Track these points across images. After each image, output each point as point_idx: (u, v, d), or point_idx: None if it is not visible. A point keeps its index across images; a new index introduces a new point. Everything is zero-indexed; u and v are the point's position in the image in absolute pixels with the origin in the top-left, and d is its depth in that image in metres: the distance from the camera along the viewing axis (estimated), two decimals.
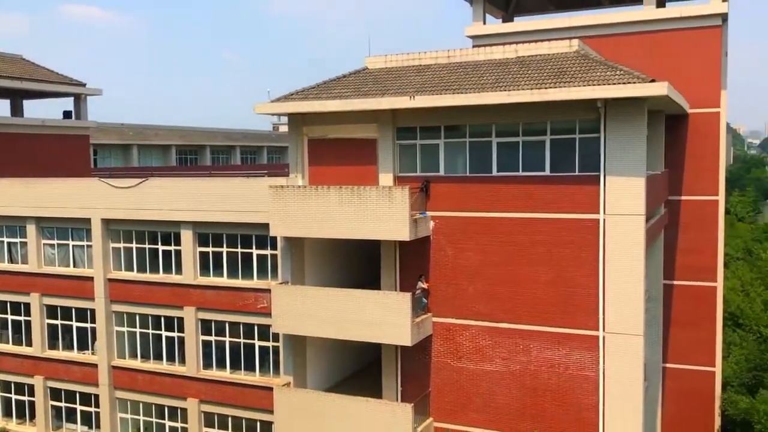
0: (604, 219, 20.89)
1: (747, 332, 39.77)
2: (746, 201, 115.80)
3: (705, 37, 27.94)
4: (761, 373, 32.73)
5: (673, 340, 29.89)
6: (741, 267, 52.17)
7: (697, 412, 29.68)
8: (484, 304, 22.66)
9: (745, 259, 58.50)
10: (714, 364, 29.67)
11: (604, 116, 20.64)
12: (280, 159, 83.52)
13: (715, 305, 29.61)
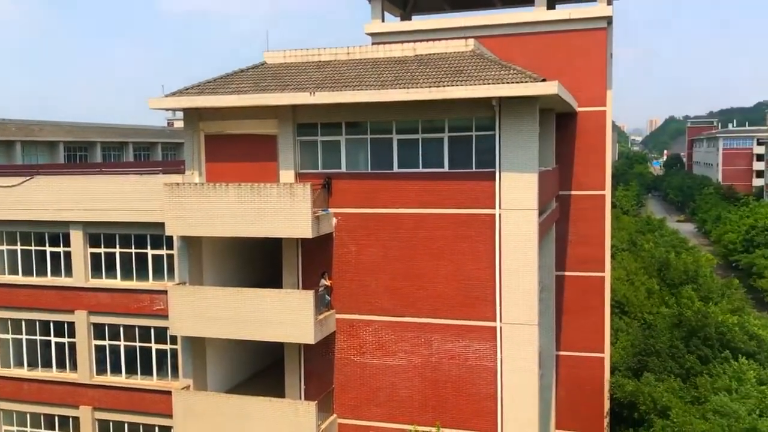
0: (500, 213, 21.54)
1: (632, 319, 42.17)
2: (630, 195, 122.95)
3: (592, 38, 29.29)
4: (645, 357, 34.75)
5: (565, 329, 31.23)
6: (626, 257, 55.23)
7: (588, 397, 31.17)
8: (387, 299, 22.88)
9: (630, 250, 62.00)
10: (603, 350, 31.24)
11: (499, 114, 21.27)
12: (176, 156, 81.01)
13: (603, 294, 31.18)
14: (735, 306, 45.85)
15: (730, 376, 31.16)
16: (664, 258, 53.82)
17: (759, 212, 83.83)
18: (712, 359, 33.71)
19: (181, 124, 61.96)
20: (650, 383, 31.82)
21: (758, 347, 35.15)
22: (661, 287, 48.69)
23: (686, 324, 36.15)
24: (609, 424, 31.63)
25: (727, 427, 25.59)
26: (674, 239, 72.57)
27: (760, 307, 60.72)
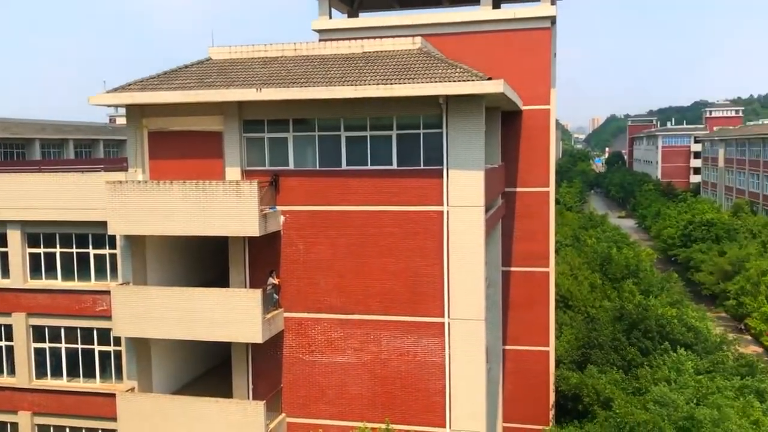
0: (448, 210, 21.75)
1: (576, 313, 43.08)
2: (574, 192, 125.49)
3: (536, 38, 29.81)
4: (589, 350, 35.58)
5: (511, 323, 31.74)
6: (570, 253, 56.35)
7: (534, 390, 31.79)
8: (336, 296, 22.84)
9: (574, 245, 63.27)
10: (548, 344, 31.89)
11: (446, 112, 21.47)
12: (118, 153, 79.10)
13: (548, 289, 31.82)
14: (674, 299, 47.29)
15: (669, 367, 32.16)
16: (606, 253, 55.09)
17: (696, 208, 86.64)
18: (653, 351, 34.71)
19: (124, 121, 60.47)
20: (593, 375, 32.58)
21: (695, 339, 36.35)
22: (604, 281, 49.87)
23: (627, 317, 37.13)
24: (554, 417, 32.30)
25: (667, 417, 26.41)
26: (616, 235, 74.31)
27: (697, 299, 62.82)
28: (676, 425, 26.10)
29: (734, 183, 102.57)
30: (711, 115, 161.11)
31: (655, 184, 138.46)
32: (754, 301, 56.28)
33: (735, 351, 36.85)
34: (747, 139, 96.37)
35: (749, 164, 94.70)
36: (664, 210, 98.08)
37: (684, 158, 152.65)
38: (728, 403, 27.66)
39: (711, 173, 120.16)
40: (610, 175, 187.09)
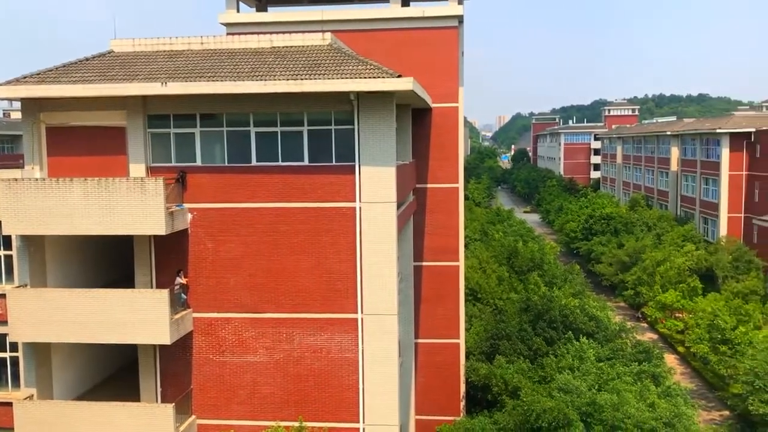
0: (360, 207, 21.83)
1: (485, 305, 44.14)
2: (482, 187, 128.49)
3: (444, 36, 30.31)
4: (497, 341, 36.56)
5: (423, 317, 32.24)
6: (479, 247, 57.69)
7: (445, 382, 32.42)
8: (247, 295, 22.50)
9: (482, 239, 64.81)
10: (458, 336, 32.58)
11: (357, 108, 21.53)
12: (14, 149, 74.90)
13: (457, 282, 32.50)
14: (576, 290, 49.25)
15: (572, 355, 33.49)
16: (512, 247, 56.72)
17: (596, 203, 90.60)
18: (557, 340, 36.03)
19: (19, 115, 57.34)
20: (502, 366, 33.52)
21: (597, 327, 37.98)
22: (511, 274, 51.33)
23: (533, 308, 38.39)
24: (465, 407, 33.05)
25: (571, 403, 27.51)
26: (522, 229, 76.61)
27: (597, 290, 65.76)
28: (580, 410, 27.23)
29: (631, 178, 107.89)
30: (609, 114, 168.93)
31: (558, 180, 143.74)
32: (649, 290, 59.44)
33: (633, 338, 38.73)
34: (642, 136, 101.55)
35: (645, 161, 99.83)
36: (566, 205, 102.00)
37: (585, 155, 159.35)
38: (627, 388, 29.11)
39: (610, 169, 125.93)
40: (516, 171, 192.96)
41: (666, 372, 33.80)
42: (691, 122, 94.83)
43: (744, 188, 67.59)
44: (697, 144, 76.85)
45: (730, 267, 58.62)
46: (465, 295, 36.59)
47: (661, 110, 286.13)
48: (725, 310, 46.21)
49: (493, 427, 27.87)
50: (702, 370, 47.21)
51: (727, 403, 39.80)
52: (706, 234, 72.87)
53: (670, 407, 28.07)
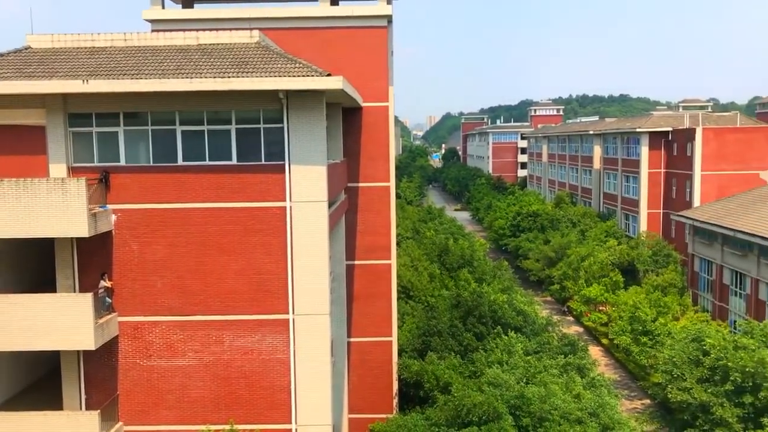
0: (291, 206, 21.69)
1: (417, 302, 44.57)
2: (413, 186, 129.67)
3: (373, 36, 30.40)
4: (429, 338, 36.99)
5: (355, 316, 32.27)
6: (411, 245, 58.16)
7: (378, 379, 32.54)
8: (175, 298, 22.03)
9: (414, 237, 65.37)
10: (391, 334, 32.77)
11: (287, 107, 21.38)
12: None
13: (390, 281, 32.68)
14: (505, 286, 50.30)
15: (501, 350, 34.22)
16: (443, 244, 57.50)
17: (523, 200, 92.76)
18: (487, 335, 36.74)
19: None
20: (433, 362, 33.93)
21: (524, 322, 38.94)
22: (442, 271, 52.02)
23: (464, 304, 39.02)
24: (398, 404, 33.30)
25: (500, 396, 28.11)
26: (452, 226, 77.76)
27: (525, 285, 67.34)
28: (509, 404, 27.85)
29: (556, 176, 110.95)
30: (536, 114, 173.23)
31: (487, 179, 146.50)
32: (574, 285, 61.30)
33: (559, 332, 39.89)
34: (567, 136, 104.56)
35: (569, 159, 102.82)
36: (495, 202, 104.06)
37: (512, 154, 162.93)
38: (553, 380, 29.96)
39: (536, 168, 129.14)
40: (447, 170, 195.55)
41: (591, 364, 34.96)
42: (613, 122, 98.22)
43: (662, 185, 70.51)
44: (618, 143, 79.68)
45: (650, 261, 61.07)
46: (397, 292, 36.85)
47: (584, 110, 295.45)
48: (646, 303, 48.15)
49: (425, 423, 28.17)
50: (625, 361, 49.03)
51: (648, 392, 41.45)
52: (627, 229, 75.65)
53: (594, 398, 29.03)
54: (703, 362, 32.65)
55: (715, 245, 50.89)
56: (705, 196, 61.51)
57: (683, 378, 32.70)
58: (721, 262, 50.14)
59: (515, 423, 27.19)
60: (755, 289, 45.24)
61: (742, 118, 76.55)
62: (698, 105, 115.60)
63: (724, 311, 49.37)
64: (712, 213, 52.90)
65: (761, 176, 61.82)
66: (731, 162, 62.33)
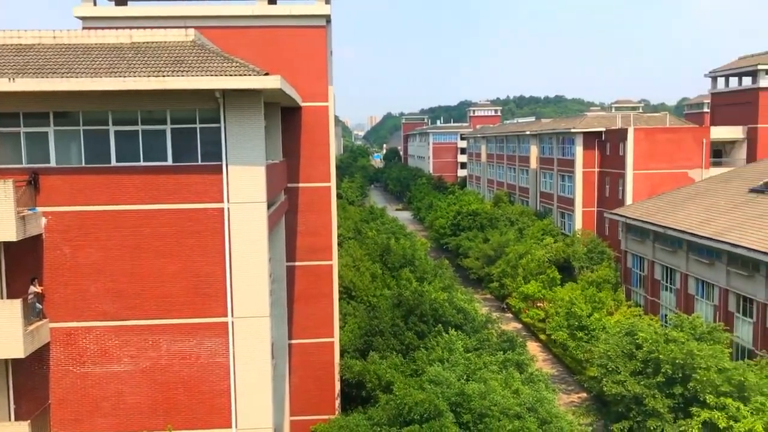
0: (229, 207, 21.42)
1: (359, 303, 44.61)
2: (355, 186, 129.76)
3: (312, 35, 30.26)
4: (371, 337, 37.07)
5: (296, 317, 32.07)
6: (352, 245, 58.13)
7: (320, 381, 32.42)
8: (109, 302, 21.47)
9: (356, 238, 65.38)
10: (332, 335, 32.69)
11: (224, 107, 21.10)
12: None
13: (331, 281, 32.60)
14: (445, 284, 50.83)
15: (442, 348, 34.56)
16: (385, 244, 57.70)
17: (463, 200, 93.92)
18: (428, 334, 37.05)
19: None
20: (375, 362, 34.02)
21: (465, 319, 39.42)
22: (384, 271, 52.19)
23: (405, 303, 39.24)
24: (340, 405, 33.26)
25: (441, 394, 28.39)
26: (394, 226, 78.09)
27: (465, 283, 68.20)
28: (449, 401, 28.16)
29: (495, 176, 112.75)
30: (474, 114, 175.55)
31: (428, 178, 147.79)
32: (513, 282, 62.42)
33: (498, 329, 40.54)
34: (504, 136, 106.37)
35: (507, 159, 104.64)
36: (435, 202, 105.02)
37: (452, 154, 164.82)
38: (493, 377, 30.45)
39: (475, 167, 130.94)
40: (388, 170, 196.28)
41: (529, 359, 35.66)
42: (549, 122, 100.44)
43: (596, 184, 72.48)
44: (553, 143, 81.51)
45: (585, 258, 62.70)
46: (339, 293, 36.78)
47: (521, 111, 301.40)
48: (581, 299, 49.42)
49: (367, 423, 28.22)
50: (562, 356, 50.20)
51: (585, 386, 42.50)
52: (563, 227, 77.47)
53: (532, 393, 29.62)
54: (636, 355, 33.68)
55: (646, 242, 52.60)
56: (637, 195, 63.55)
57: (617, 371, 33.65)
58: (652, 258, 51.86)
59: (456, 420, 27.52)
60: (684, 284, 46.98)
61: (672, 118, 79.46)
62: (630, 106, 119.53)
63: (656, 305, 51.10)
64: (644, 211, 54.66)
65: (689, 174, 64.27)
66: (661, 161, 64.60)
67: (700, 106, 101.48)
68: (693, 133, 67.17)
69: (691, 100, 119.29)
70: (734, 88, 74.44)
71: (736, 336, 40.29)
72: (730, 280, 41.57)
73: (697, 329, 35.65)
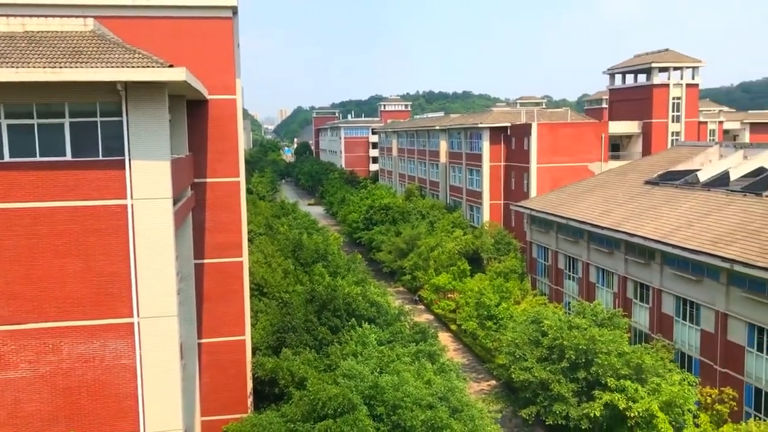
0: (132, 204, 20.70)
1: (271, 299, 44.08)
2: (266, 181, 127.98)
3: (218, 27, 29.54)
4: (283, 334, 36.72)
5: (206, 316, 31.37)
6: (264, 241, 57.37)
7: (232, 380, 31.87)
8: (3, 306, 20.35)
9: (267, 233, 64.55)
10: (244, 332, 32.19)
11: (126, 100, 20.34)
12: None
13: (242, 278, 32.06)
14: (359, 278, 50.95)
15: (356, 342, 34.67)
16: (297, 239, 57.25)
17: (375, 194, 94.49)
18: (341, 328, 37.07)
19: None
20: (288, 358, 33.75)
21: (378, 313, 39.68)
22: (296, 267, 51.78)
23: (318, 298, 39.09)
24: (253, 403, 32.83)
25: (355, 388, 28.49)
26: (306, 221, 77.62)
27: (378, 277, 68.68)
28: (363, 394, 28.30)
29: (406, 170, 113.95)
30: (385, 109, 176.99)
31: (340, 173, 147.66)
32: (425, 274, 63.38)
33: (411, 321, 41.04)
34: (415, 131, 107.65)
35: (417, 153, 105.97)
36: (348, 197, 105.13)
37: (364, 148, 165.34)
38: (406, 368, 30.81)
39: (387, 162, 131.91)
40: (300, 164, 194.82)
41: (440, 350, 36.30)
42: (457, 117, 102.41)
43: (502, 178, 74.57)
44: (462, 138, 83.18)
45: (493, 249, 64.41)
46: (250, 290, 36.22)
47: (431, 106, 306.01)
48: (490, 289, 50.78)
49: (280, 420, 27.98)
50: (472, 345, 51.41)
51: (494, 374, 43.70)
52: (472, 220, 79.29)
53: (444, 382, 30.17)
54: (542, 342, 34.92)
55: (550, 233, 54.56)
56: (541, 187, 65.84)
57: (525, 358, 34.80)
58: (555, 248, 53.86)
59: (370, 413, 27.69)
60: (586, 273, 49.07)
61: (573, 114, 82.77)
62: (534, 102, 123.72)
63: (560, 294, 53.14)
64: (547, 203, 56.66)
65: (590, 168, 67.16)
66: (563, 155, 67.17)
67: (599, 102, 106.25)
68: (593, 128, 70.19)
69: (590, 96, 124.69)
70: (630, 85, 78.28)
71: (634, 321, 42.46)
72: (628, 268, 43.73)
73: (599, 316, 37.34)
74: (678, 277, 38.35)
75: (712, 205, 40.66)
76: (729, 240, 35.08)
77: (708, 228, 37.71)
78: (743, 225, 36.07)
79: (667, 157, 55.77)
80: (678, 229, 39.37)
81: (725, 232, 36.20)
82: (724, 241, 35.25)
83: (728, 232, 36.03)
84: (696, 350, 36.96)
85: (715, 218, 38.59)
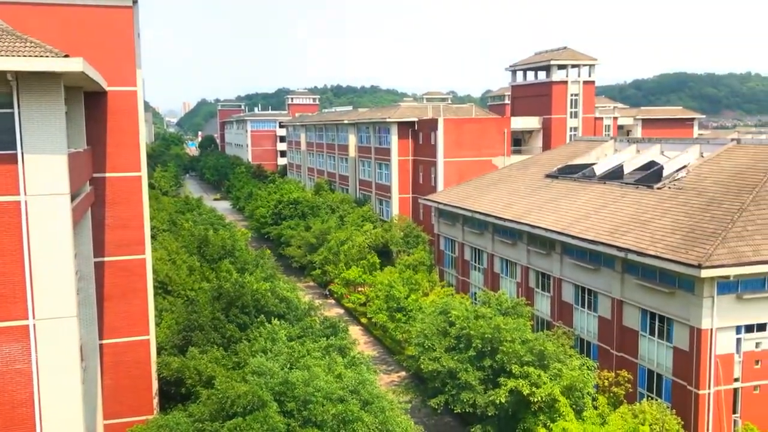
0: (26, 200, 19.68)
1: (176, 297, 42.97)
2: (169, 176, 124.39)
3: (118, 15, 28.42)
4: (190, 332, 35.84)
5: (107, 316, 30.21)
6: (167, 238, 55.78)
7: (136, 381, 30.86)
8: None
9: (171, 230, 62.81)
10: (147, 332, 31.21)
11: (17, 90, 19.27)
12: None
13: (145, 276, 31.05)
14: (267, 274, 50.42)
15: (265, 338, 34.27)
16: (203, 235, 55.92)
17: (284, 188, 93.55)
18: (250, 325, 36.55)
19: None
20: (195, 357, 33.00)
21: (288, 308, 39.37)
22: (202, 263, 50.62)
23: (226, 295, 38.39)
24: (159, 404, 31.91)
25: (264, 384, 28.18)
26: (212, 217, 75.99)
27: (288, 272, 68.24)
28: (273, 390, 28.04)
29: (315, 164, 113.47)
30: (293, 102, 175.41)
31: (247, 167, 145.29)
32: (335, 268, 63.43)
33: (321, 315, 40.97)
34: (323, 125, 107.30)
35: (326, 147, 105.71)
36: (256, 191, 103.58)
37: (271, 142, 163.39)
38: (316, 363, 30.74)
39: (295, 156, 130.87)
40: (205, 158, 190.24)
41: (351, 343, 36.45)
42: (365, 112, 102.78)
43: (411, 172, 75.54)
44: (371, 132, 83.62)
45: (402, 242, 65.21)
46: (154, 288, 35.16)
47: (339, 100, 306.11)
48: (399, 281, 51.39)
49: (188, 420, 27.32)
50: (382, 338, 51.95)
51: (404, 365, 44.33)
52: (381, 214, 79.94)
53: (355, 376, 30.31)
54: (449, 332, 35.67)
55: (456, 225, 55.76)
56: (447, 181, 67.16)
57: (433, 348, 35.44)
58: (462, 240, 55.10)
59: (280, 409, 27.47)
60: (491, 264, 50.50)
61: (477, 109, 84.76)
62: (440, 97, 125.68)
63: (466, 284, 54.44)
64: (453, 196, 57.84)
65: (493, 162, 69.04)
66: (468, 149, 68.76)
67: (502, 98, 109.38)
68: (496, 123, 72.19)
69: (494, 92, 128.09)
70: (531, 82, 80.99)
71: (536, 309, 44.08)
72: (530, 258, 45.32)
73: (503, 305, 38.54)
74: (577, 266, 40.08)
75: (607, 197, 42.70)
76: (624, 230, 36.96)
77: (604, 219, 39.59)
78: (636, 216, 38.10)
79: (565, 151, 58.07)
80: (577, 220, 41.12)
81: (620, 222, 38.11)
82: (619, 231, 37.11)
83: (623, 222, 37.95)
84: (594, 336, 38.78)
85: (610, 210, 40.56)
